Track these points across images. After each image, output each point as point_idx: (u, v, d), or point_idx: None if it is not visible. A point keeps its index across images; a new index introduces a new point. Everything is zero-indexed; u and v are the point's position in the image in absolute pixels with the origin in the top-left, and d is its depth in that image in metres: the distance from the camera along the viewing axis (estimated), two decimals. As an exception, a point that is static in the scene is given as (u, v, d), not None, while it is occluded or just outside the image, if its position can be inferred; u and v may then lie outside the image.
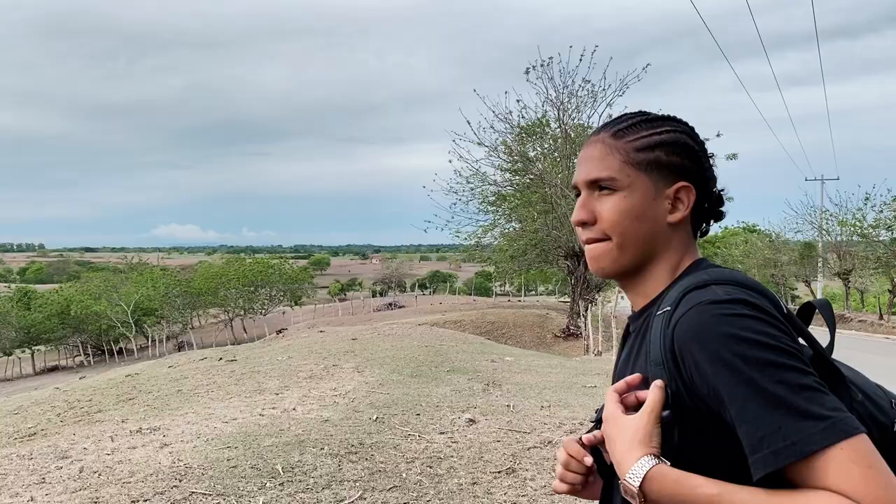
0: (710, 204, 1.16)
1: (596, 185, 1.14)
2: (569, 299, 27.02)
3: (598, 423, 1.16)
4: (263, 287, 50.61)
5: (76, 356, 49.27)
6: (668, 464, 0.97)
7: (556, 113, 23.47)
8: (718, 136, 22.36)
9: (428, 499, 4.53)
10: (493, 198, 25.47)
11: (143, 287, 47.16)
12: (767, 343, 0.92)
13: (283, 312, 53.28)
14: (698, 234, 1.19)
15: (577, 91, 22.92)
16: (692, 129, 1.17)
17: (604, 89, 22.76)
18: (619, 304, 24.01)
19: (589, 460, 1.15)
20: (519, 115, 23.62)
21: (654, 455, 0.97)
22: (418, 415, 7.03)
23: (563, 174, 23.19)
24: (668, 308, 1.04)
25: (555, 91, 23.05)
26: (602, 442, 1.10)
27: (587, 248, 1.17)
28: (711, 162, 1.17)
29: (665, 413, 1.00)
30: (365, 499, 4.50)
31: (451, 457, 5.50)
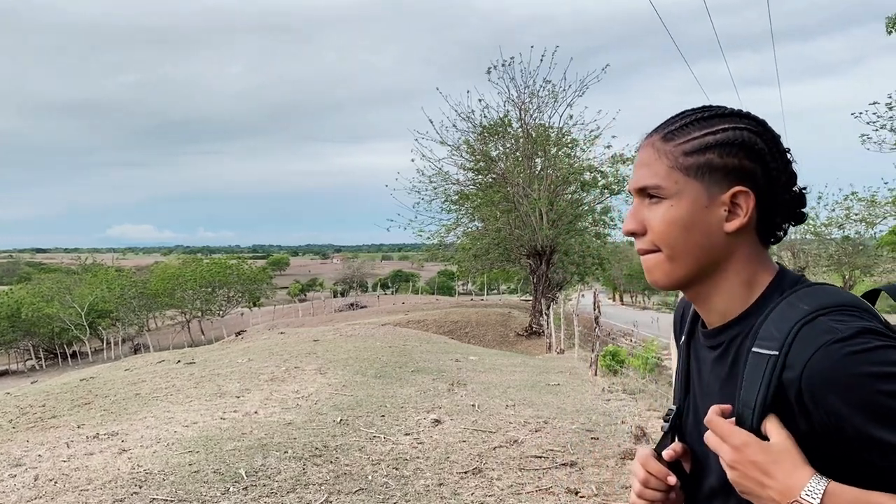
0: (782, 207, 1.05)
1: (645, 193, 1.07)
2: (531, 298, 27.19)
3: (671, 431, 1.14)
4: (221, 288, 49.91)
5: (27, 360, 47.89)
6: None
7: (517, 113, 23.63)
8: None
9: (395, 501, 4.49)
10: (456, 197, 25.51)
11: (97, 288, 46.12)
12: None
13: (242, 314, 52.65)
14: (771, 241, 1.08)
15: (539, 91, 23.12)
16: (762, 124, 1.05)
17: (564, 89, 23.00)
18: (580, 302, 24.24)
19: (673, 480, 1.10)
20: (481, 115, 23.73)
21: (820, 475, 0.93)
22: (383, 416, 6.98)
23: (525, 173, 23.35)
24: (775, 351, 0.96)
25: (516, 91, 23.23)
26: (682, 455, 1.10)
27: (641, 259, 1.10)
28: (790, 158, 1.06)
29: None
30: (331, 502, 4.44)
31: (417, 458, 5.47)
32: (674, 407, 1.20)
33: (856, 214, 31.11)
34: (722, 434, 0.99)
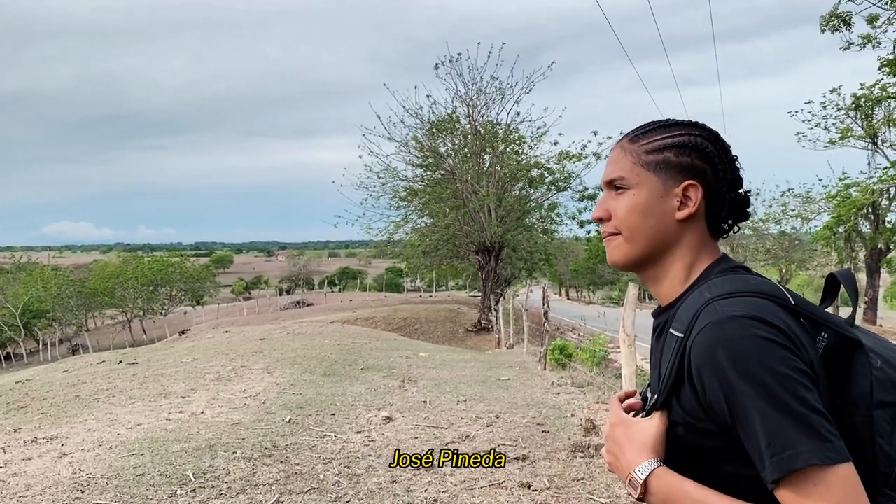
0: (727, 204, 1.19)
1: (612, 185, 1.23)
2: (479, 294, 27.31)
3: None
4: (163, 286, 48.79)
5: (-42, 363, 46.01)
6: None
7: (465, 109, 23.67)
8: (621, 133, 23.07)
9: (347, 499, 4.45)
10: (405, 193, 25.42)
11: (32, 288, 44.59)
12: (769, 365, 0.98)
13: (185, 312, 51.52)
14: (722, 234, 1.23)
15: (486, 88, 23.20)
16: (715, 134, 1.21)
17: (511, 86, 23.13)
18: (529, 297, 24.45)
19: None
20: (429, 111, 23.68)
21: (660, 459, 1.10)
22: (333, 414, 6.91)
23: (474, 170, 23.41)
24: (682, 332, 1.09)
25: (464, 87, 23.25)
26: (638, 411, 1.22)
27: (605, 242, 1.25)
28: (738, 165, 1.21)
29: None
30: (282, 502, 4.36)
31: (370, 456, 5.43)
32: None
33: (792, 210, 32.24)
34: (610, 412, 1.22)
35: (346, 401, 7.64)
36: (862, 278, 25.87)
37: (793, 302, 1.06)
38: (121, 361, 13.11)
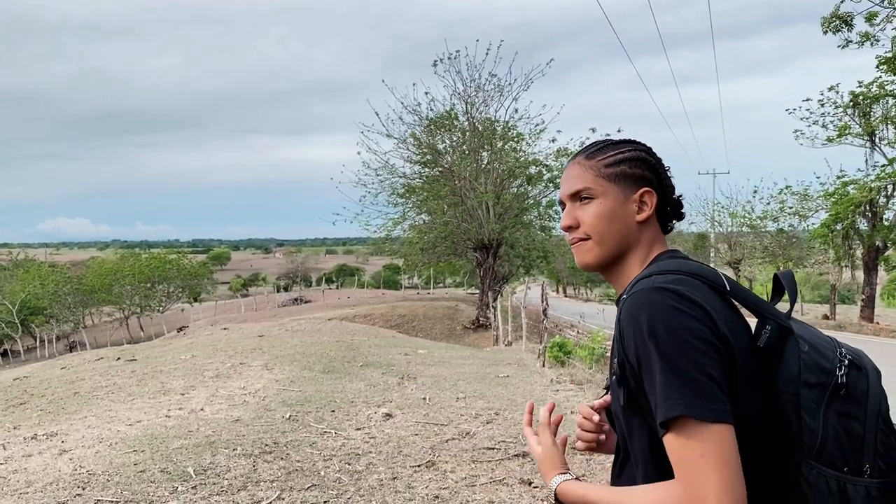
0: (671, 206, 1.41)
1: (577, 197, 1.39)
2: (478, 291, 27.31)
3: (607, 389, 1.42)
4: (161, 283, 48.67)
5: (-45, 359, 45.91)
6: (573, 478, 1.35)
7: (463, 106, 23.63)
8: (619, 131, 23.05)
9: (349, 496, 4.45)
10: (403, 190, 25.37)
11: (29, 285, 44.41)
12: (675, 332, 1.13)
13: (182, 309, 51.38)
14: (668, 231, 1.42)
15: (484, 85, 23.16)
16: (649, 148, 1.42)
17: (510, 83, 23.09)
18: (527, 294, 24.45)
19: (596, 418, 1.51)
20: (428, 108, 23.64)
21: (563, 473, 1.38)
22: (333, 411, 6.92)
23: (472, 167, 23.38)
24: (624, 295, 1.28)
25: (462, 84, 23.21)
26: (608, 406, 1.48)
27: (573, 248, 1.41)
28: (669, 174, 1.41)
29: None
30: (283, 499, 4.37)
31: (370, 452, 5.43)
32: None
33: (790, 208, 32.22)
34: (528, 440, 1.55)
35: (345, 397, 7.64)
36: (860, 276, 25.85)
37: (728, 288, 1.23)
38: (119, 358, 13.08)
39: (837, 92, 25.23)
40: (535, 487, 4.67)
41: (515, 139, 24.45)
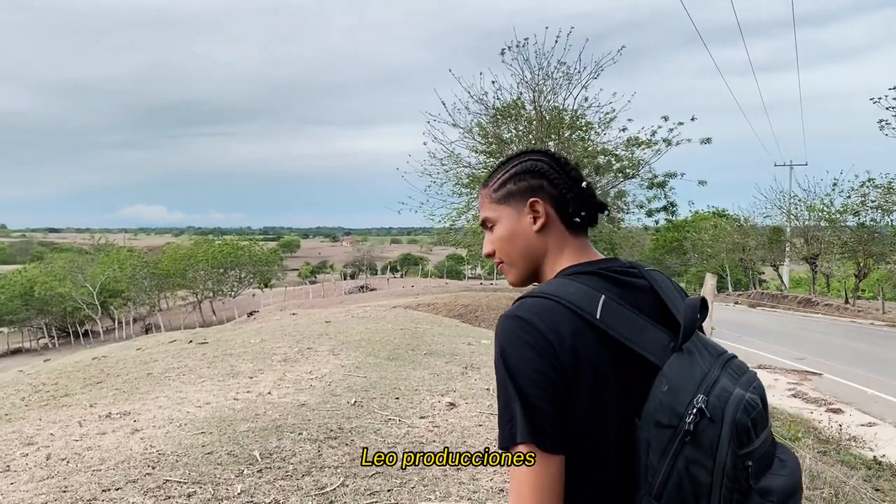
0: (571, 202, 1.39)
1: (485, 226, 1.47)
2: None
3: None
4: (233, 269, 49.99)
5: (40, 338, 48.25)
6: None
7: (531, 95, 23.32)
8: (693, 119, 22.40)
9: (412, 486, 4.40)
10: (468, 180, 25.28)
11: (109, 268, 46.29)
12: (514, 362, 1.19)
13: (253, 295, 52.68)
14: (580, 227, 1.42)
15: (553, 73, 22.79)
16: (545, 153, 1.44)
17: (579, 71, 22.66)
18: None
19: None
20: (494, 97, 23.44)
21: None
22: (397, 398, 6.90)
23: (539, 157, 23.08)
24: None
25: (530, 73, 22.90)
26: None
27: (500, 271, 1.49)
28: (572, 168, 1.42)
29: None
30: (347, 486, 4.35)
31: (434, 441, 5.38)
32: None
33: (872, 201, 30.72)
34: None
35: (409, 385, 7.62)
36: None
37: (598, 317, 1.21)
38: (191, 341, 13.44)
39: (928, 79, 23.87)
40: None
41: (584, 128, 24.02)
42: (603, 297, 1.24)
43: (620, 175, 23.92)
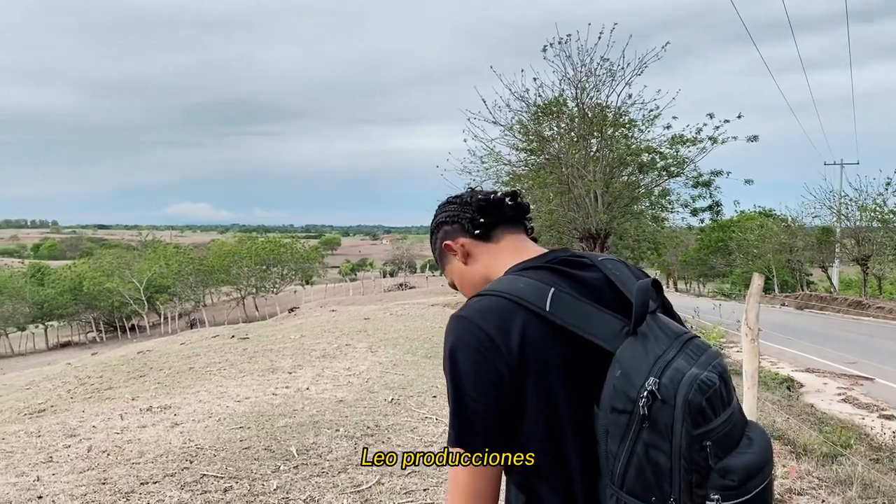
0: (473, 221, 1.46)
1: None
2: (583, 282, 26.70)
3: None
4: (275, 266, 50.66)
5: (89, 332, 49.54)
6: None
7: (573, 92, 23.05)
8: (739, 117, 21.87)
9: (448, 486, 4.34)
10: (508, 178, 25.10)
11: (155, 264, 47.28)
12: (459, 363, 1.22)
13: (295, 291, 53.31)
14: (491, 230, 1.47)
15: (596, 70, 22.48)
16: (446, 203, 1.55)
17: (623, 68, 22.31)
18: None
19: None
20: (536, 94, 23.22)
21: None
22: (434, 397, 6.84)
23: (580, 154, 22.82)
24: None
25: (573, 69, 22.62)
26: None
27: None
28: (467, 189, 1.60)
29: None
30: (383, 484, 4.31)
31: (471, 441, 5.30)
32: None
33: (928, 202, 29.68)
34: None
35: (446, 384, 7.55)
36: None
37: (548, 309, 1.22)
38: (233, 336, 13.61)
39: None
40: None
41: (627, 126, 23.66)
42: (553, 289, 1.25)
43: (664, 173, 23.46)
